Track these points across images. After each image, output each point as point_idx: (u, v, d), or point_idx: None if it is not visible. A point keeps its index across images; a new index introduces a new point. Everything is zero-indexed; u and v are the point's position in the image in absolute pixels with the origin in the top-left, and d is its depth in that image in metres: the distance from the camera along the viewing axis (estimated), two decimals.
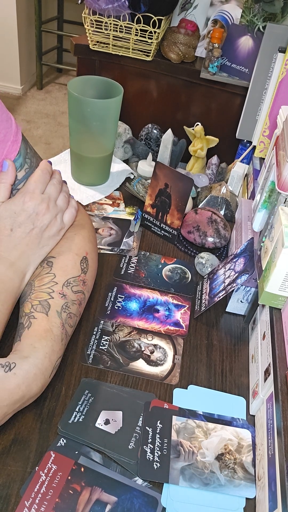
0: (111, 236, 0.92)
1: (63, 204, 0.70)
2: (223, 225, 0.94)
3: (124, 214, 0.98)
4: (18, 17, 3.05)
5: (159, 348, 0.74)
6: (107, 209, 0.99)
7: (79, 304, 0.67)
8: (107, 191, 1.06)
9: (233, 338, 0.79)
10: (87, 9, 1.05)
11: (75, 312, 0.65)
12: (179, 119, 1.20)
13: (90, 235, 0.74)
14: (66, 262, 0.67)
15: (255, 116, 1.05)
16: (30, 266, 0.66)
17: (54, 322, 0.61)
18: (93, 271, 0.73)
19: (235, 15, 1.08)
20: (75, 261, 0.68)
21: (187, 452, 0.60)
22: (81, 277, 0.68)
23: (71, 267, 0.67)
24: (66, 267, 0.67)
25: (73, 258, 0.68)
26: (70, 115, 0.96)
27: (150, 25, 1.03)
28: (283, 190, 0.67)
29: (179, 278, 0.88)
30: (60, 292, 0.63)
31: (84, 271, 0.69)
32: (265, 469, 0.57)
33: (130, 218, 0.97)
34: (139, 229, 0.98)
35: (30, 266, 0.66)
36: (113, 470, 0.58)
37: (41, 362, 0.57)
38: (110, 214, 0.98)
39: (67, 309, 0.63)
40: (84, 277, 0.69)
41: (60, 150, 1.21)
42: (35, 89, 3.51)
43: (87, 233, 0.73)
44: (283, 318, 0.63)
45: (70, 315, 0.64)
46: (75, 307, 0.66)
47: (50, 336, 0.59)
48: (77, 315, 0.66)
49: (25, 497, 0.53)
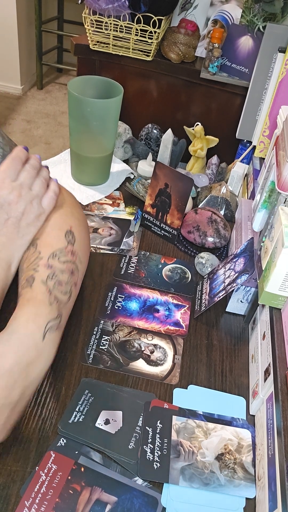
0: (111, 236, 0.92)
1: (40, 189, 0.67)
2: (223, 225, 0.95)
3: (124, 214, 0.98)
4: (18, 17, 3.04)
5: (159, 348, 0.74)
6: (107, 209, 0.99)
7: (70, 273, 0.63)
8: (107, 191, 1.06)
9: (233, 338, 0.79)
10: (87, 9, 1.05)
11: (66, 280, 0.62)
12: (179, 119, 1.20)
13: (71, 211, 0.72)
14: (49, 239, 0.65)
15: (255, 116, 1.05)
16: (14, 256, 0.64)
17: (39, 290, 0.58)
18: (83, 244, 0.70)
19: (235, 15, 1.08)
20: (59, 236, 0.66)
21: (187, 452, 0.60)
22: (68, 248, 0.65)
23: (56, 241, 0.65)
24: (50, 242, 0.65)
25: (56, 233, 0.66)
26: (70, 115, 0.96)
27: (150, 25, 1.03)
28: (283, 190, 0.67)
29: (179, 278, 0.88)
30: (45, 264, 0.61)
31: (71, 242, 0.66)
32: (265, 469, 0.57)
33: (130, 218, 0.97)
34: (139, 229, 0.98)
35: (15, 256, 0.64)
36: (113, 470, 0.58)
37: (24, 326, 0.54)
38: (110, 214, 0.98)
39: (54, 277, 0.61)
40: (72, 247, 0.66)
41: (60, 150, 1.21)
42: (35, 89, 3.51)
43: (67, 209, 0.71)
44: (283, 318, 0.63)
45: (60, 282, 0.61)
46: (66, 275, 0.62)
47: (32, 303, 0.56)
48: (70, 283, 0.62)
49: (25, 497, 0.53)
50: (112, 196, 1.04)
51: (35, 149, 2.76)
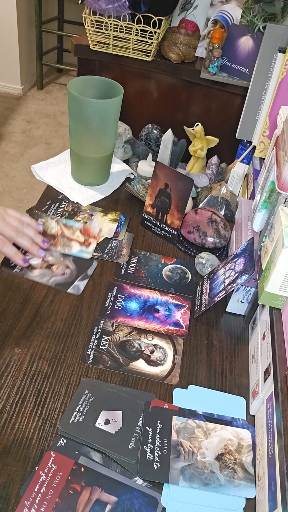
0: (63, 276, 0.83)
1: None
2: (223, 225, 0.95)
3: (89, 256, 0.88)
4: (18, 17, 3.04)
5: (159, 348, 0.74)
6: (73, 247, 0.89)
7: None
8: (107, 191, 1.06)
9: (233, 338, 0.79)
10: (87, 9, 1.05)
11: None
12: (179, 119, 1.20)
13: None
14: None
15: (255, 116, 1.05)
16: None
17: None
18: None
19: (235, 15, 1.08)
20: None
21: (187, 452, 0.60)
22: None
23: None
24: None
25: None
26: (70, 115, 0.96)
27: (151, 25, 1.03)
28: (283, 190, 0.67)
29: (179, 278, 0.88)
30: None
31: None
32: (265, 469, 0.57)
33: (96, 255, 0.89)
34: (130, 234, 0.98)
35: None
36: (113, 470, 0.58)
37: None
38: (73, 254, 0.88)
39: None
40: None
41: (60, 150, 1.21)
42: (35, 89, 3.51)
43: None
44: (283, 318, 0.63)
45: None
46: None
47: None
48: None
49: (25, 497, 0.53)
50: (89, 233, 0.93)
51: (35, 149, 2.76)
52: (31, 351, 0.70)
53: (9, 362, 0.68)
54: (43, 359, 0.69)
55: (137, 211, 1.03)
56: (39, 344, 0.71)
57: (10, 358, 0.68)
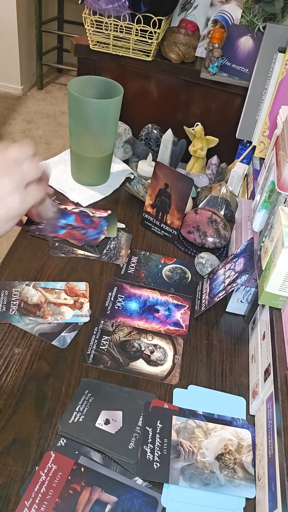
0: (50, 325, 0.74)
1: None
2: (223, 225, 0.95)
3: (87, 319, 0.76)
4: (18, 17, 3.04)
5: (159, 348, 0.74)
6: (65, 313, 0.76)
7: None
8: (107, 191, 1.06)
9: (233, 338, 0.79)
10: (87, 9, 1.05)
11: None
12: (179, 119, 1.20)
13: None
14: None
15: (255, 116, 1.05)
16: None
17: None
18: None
19: (235, 15, 1.08)
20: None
21: (187, 452, 0.60)
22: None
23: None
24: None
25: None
26: (70, 115, 0.96)
27: (150, 25, 1.03)
28: (283, 190, 0.67)
29: (179, 278, 0.88)
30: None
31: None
32: (265, 469, 0.57)
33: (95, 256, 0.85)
34: (129, 235, 0.97)
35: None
36: (113, 470, 0.58)
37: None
38: (68, 320, 0.75)
39: None
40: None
41: (60, 150, 1.21)
42: (35, 89, 3.50)
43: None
44: (283, 318, 0.63)
45: None
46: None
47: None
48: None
49: (25, 497, 0.53)
50: (76, 292, 0.80)
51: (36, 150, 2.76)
52: (31, 351, 0.70)
53: (9, 362, 0.68)
54: (43, 359, 0.69)
55: (137, 211, 1.03)
56: (39, 344, 0.71)
57: (10, 358, 0.68)
